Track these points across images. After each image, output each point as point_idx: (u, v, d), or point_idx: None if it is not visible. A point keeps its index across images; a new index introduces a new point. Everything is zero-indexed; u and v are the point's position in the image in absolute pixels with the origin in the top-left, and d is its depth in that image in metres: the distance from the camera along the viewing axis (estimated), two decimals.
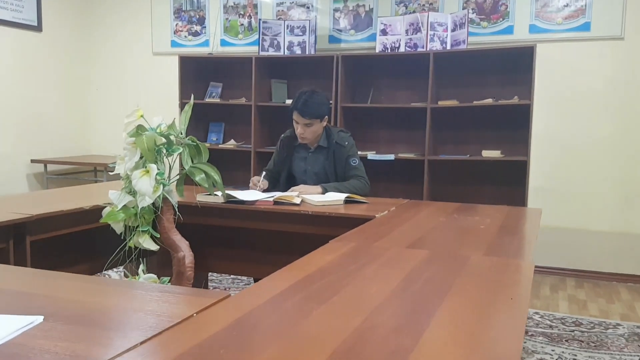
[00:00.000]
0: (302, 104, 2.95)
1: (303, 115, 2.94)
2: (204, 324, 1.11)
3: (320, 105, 2.99)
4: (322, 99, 3.03)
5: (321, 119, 3.00)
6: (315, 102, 2.97)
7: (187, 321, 1.11)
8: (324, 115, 3.00)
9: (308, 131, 2.98)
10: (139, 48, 5.51)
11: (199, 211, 2.68)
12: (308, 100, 2.96)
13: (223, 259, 3.04)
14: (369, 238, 1.92)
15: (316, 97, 3.00)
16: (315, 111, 2.95)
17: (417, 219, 2.37)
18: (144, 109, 6.03)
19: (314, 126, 2.98)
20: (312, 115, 2.94)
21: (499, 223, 2.27)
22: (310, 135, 3.00)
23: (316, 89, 3.07)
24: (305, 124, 2.96)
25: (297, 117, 2.97)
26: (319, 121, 2.99)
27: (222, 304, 1.22)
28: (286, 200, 2.65)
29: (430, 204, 2.92)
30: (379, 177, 4.76)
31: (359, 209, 2.59)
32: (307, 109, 2.94)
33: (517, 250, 1.79)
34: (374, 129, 4.81)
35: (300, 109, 2.94)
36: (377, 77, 4.76)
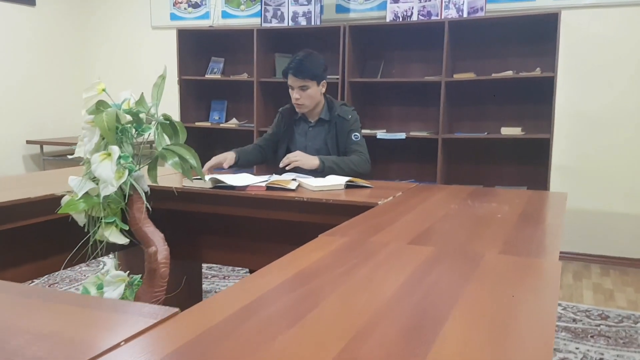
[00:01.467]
0: (296, 63, 2.70)
1: (297, 76, 2.68)
2: (132, 355, 0.85)
3: (317, 65, 2.73)
4: (318, 60, 2.77)
5: (318, 81, 2.73)
6: (311, 61, 2.72)
7: (111, 354, 0.86)
8: (320, 77, 2.74)
9: (304, 95, 2.72)
10: (137, 22, 5.23)
11: (187, 197, 2.44)
12: (303, 60, 2.71)
13: (216, 249, 2.79)
14: (366, 231, 1.65)
15: (312, 57, 2.75)
16: (311, 71, 2.69)
17: (425, 206, 2.09)
18: (143, 86, 5.69)
19: (310, 89, 2.71)
20: (307, 75, 2.68)
21: (519, 211, 1.99)
22: (308, 101, 2.74)
23: (313, 52, 2.79)
24: (301, 86, 2.70)
25: (292, 80, 2.72)
26: (316, 84, 2.73)
27: (164, 327, 0.96)
28: (280, 185, 2.38)
29: (442, 188, 2.63)
30: (389, 157, 4.49)
31: (360, 194, 2.32)
32: (301, 67, 2.69)
33: (539, 247, 1.51)
34: (385, 106, 4.51)
35: (294, 69, 2.69)
36: (388, 50, 4.44)
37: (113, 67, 5.40)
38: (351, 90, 4.25)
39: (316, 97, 2.75)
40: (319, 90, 2.76)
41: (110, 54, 5.39)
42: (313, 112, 2.83)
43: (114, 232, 1.76)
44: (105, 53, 5.41)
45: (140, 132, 1.78)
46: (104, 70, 5.43)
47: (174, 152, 1.77)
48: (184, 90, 4.72)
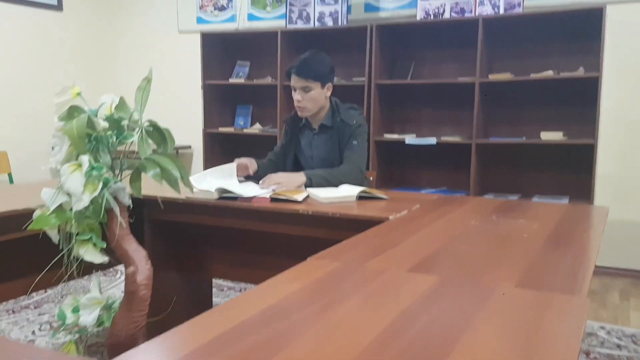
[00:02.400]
0: (299, 62, 2.51)
1: (300, 75, 2.49)
2: None
3: (322, 65, 2.53)
4: (324, 59, 2.57)
5: (322, 83, 2.52)
6: (316, 61, 2.52)
7: None
8: (325, 78, 2.53)
9: (306, 98, 2.51)
10: (164, 26, 5.15)
11: (190, 209, 2.28)
12: (308, 59, 2.52)
13: (222, 263, 2.62)
14: (363, 254, 1.44)
15: (318, 57, 2.55)
16: (315, 71, 2.49)
17: (441, 222, 1.85)
18: (170, 91, 5.55)
19: (313, 91, 2.51)
20: (310, 75, 2.48)
21: (549, 230, 1.73)
22: (310, 104, 2.53)
23: (320, 51, 2.60)
24: (303, 87, 2.50)
25: (294, 80, 2.52)
26: (320, 86, 2.52)
27: None
28: (286, 196, 2.19)
29: (466, 200, 2.38)
30: (420, 164, 4.24)
31: (372, 207, 2.10)
32: (305, 67, 2.49)
33: (566, 278, 1.26)
34: (415, 110, 4.26)
35: (297, 68, 2.50)
36: (419, 50, 4.19)
37: (140, 72, 5.31)
38: (378, 93, 4.03)
39: (319, 100, 2.55)
40: (324, 94, 2.55)
41: (137, 59, 5.33)
42: (316, 117, 2.63)
43: (90, 250, 1.61)
44: (132, 58, 5.36)
45: (122, 141, 1.62)
46: (130, 76, 5.38)
47: (155, 163, 1.60)
48: (208, 95, 4.60)
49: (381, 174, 4.13)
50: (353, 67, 4.31)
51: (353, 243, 1.56)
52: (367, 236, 1.63)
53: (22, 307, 3.16)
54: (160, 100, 5.24)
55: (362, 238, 1.61)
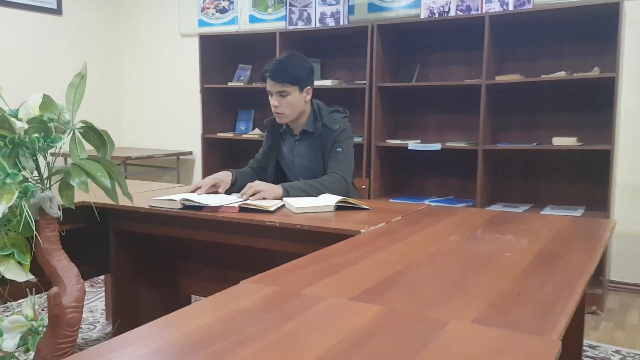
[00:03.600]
0: (274, 65, 2.32)
1: (275, 79, 2.30)
2: None
3: (299, 68, 2.33)
4: (301, 61, 2.38)
5: (300, 86, 2.33)
6: (292, 63, 2.33)
7: None
8: (304, 82, 2.34)
9: (283, 103, 2.32)
10: (166, 29, 5.03)
11: (154, 219, 2.11)
12: (283, 61, 2.33)
13: (199, 278, 2.45)
14: (307, 276, 1.23)
15: (294, 59, 2.36)
16: (291, 74, 2.29)
17: (416, 238, 1.63)
18: (173, 96, 5.38)
19: (290, 96, 2.31)
20: (286, 78, 2.29)
21: (539, 248, 1.50)
22: (287, 110, 2.34)
23: (297, 53, 2.41)
24: (279, 92, 2.31)
25: (269, 84, 2.33)
26: (298, 90, 2.32)
27: None
28: (256, 206, 2.00)
29: (457, 211, 2.15)
30: (424, 172, 4.01)
31: (348, 219, 1.89)
32: (280, 70, 2.30)
33: (538, 313, 1.03)
34: (420, 114, 4.03)
35: (271, 71, 2.31)
36: (425, 51, 3.97)
37: (142, 76, 5.22)
38: (380, 97, 3.82)
39: (298, 105, 2.35)
40: (302, 98, 2.36)
41: (139, 63, 5.22)
42: (296, 122, 2.43)
43: (12, 267, 1.44)
44: (134, 62, 5.24)
45: (49, 144, 1.45)
46: (132, 80, 5.27)
47: (81, 169, 1.42)
48: (207, 100, 4.45)
49: (383, 181, 3.91)
50: (356, 70, 4.11)
51: (302, 263, 1.35)
52: (323, 254, 1.43)
53: None
54: (162, 105, 5.11)
55: (314, 258, 1.40)
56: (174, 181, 4.94)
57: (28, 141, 1.41)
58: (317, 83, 4.05)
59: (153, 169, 5.03)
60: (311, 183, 2.25)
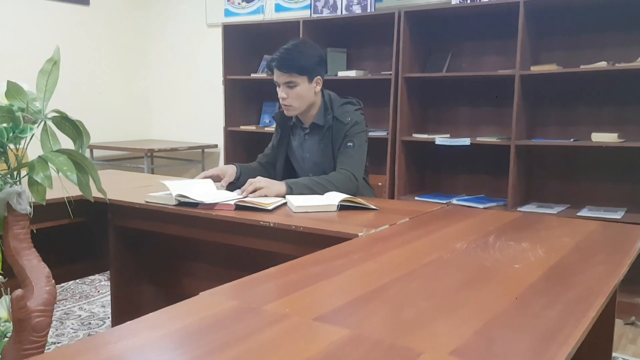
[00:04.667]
0: (280, 54, 2.17)
1: (282, 69, 2.15)
2: None
3: (307, 57, 2.18)
4: (310, 49, 2.22)
5: (309, 76, 2.17)
6: (300, 52, 2.18)
7: None
8: (313, 71, 2.18)
9: (292, 94, 2.17)
10: (193, 20, 4.95)
11: (150, 215, 2.01)
12: (290, 49, 2.18)
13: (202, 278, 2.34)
14: (274, 290, 1.09)
15: (302, 47, 2.21)
16: (299, 63, 2.14)
17: (418, 244, 1.47)
18: (199, 87, 5.27)
19: (299, 87, 2.16)
20: (294, 68, 2.14)
21: (555, 258, 1.31)
22: (296, 101, 2.19)
23: (307, 40, 2.26)
24: (287, 82, 2.16)
25: (276, 75, 2.19)
26: (307, 80, 2.17)
27: None
28: (254, 204, 1.87)
29: (476, 213, 1.96)
30: (454, 168, 3.81)
31: (350, 220, 1.74)
32: (287, 59, 2.15)
33: (539, 343, 0.86)
34: (450, 106, 3.82)
35: (278, 60, 2.16)
36: (457, 40, 3.75)
37: (168, 67, 5.16)
38: (407, 88, 3.63)
39: (307, 96, 2.20)
40: (312, 89, 2.20)
41: (166, 54, 5.16)
42: (306, 115, 2.28)
43: None
44: (160, 53, 5.19)
45: (18, 135, 1.35)
46: (159, 71, 5.22)
47: (45, 163, 1.31)
48: (230, 92, 4.35)
49: (409, 178, 3.72)
50: (383, 60, 3.93)
51: (276, 272, 1.21)
52: (300, 263, 1.28)
53: None
54: (189, 97, 5.05)
55: (293, 266, 1.26)
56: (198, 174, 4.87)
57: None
58: (341, 74, 3.90)
59: (178, 162, 4.97)
60: (317, 180, 2.10)
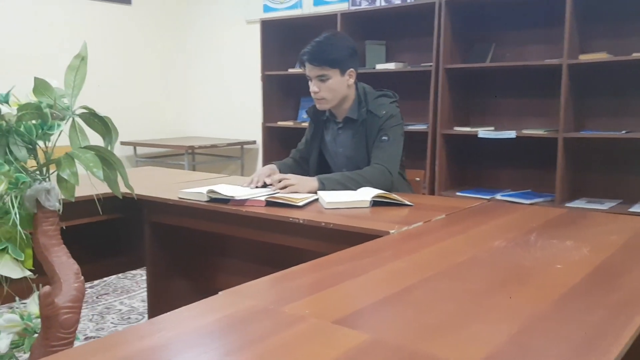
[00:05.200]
0: (312, 47, 2.13)
1: (313, 62, 2.11)
2: None
3: (339, 49, 2.13)
4: (342, 41, 2.17)
5: (342, 69, 2.12)
6: (332, 44, 2.13)
7: None
8: (345, 64, 2.12)
9: (324, 88, 2.12)
10: (232, 17, 4.95)
11: (182, 211, 2.00)
12: (322, 42, 2.14)
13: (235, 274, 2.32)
14: (294, 291, 1.04)
15: (334, 39, 2.16)
16: (331, 56, 2.09)
17: (452, 242, 1.39)
18: (238, 84, 5.29)
19: (331, 80, 2.11)
20: (325, 61, 2.09)
21: (601, 258, 1.22)
22: (329, 94, 2.14)
23: (339, 32, 2.20)
24: (318, 76, 2.11)
25: (308, 68, 2.14)
26: (339, 73, 2.12)
27: None
28: (284, 200, 1.83)
29: (518, 209, 1.86)
30: (498, 162, 3.68)
31: (383, 216, 1.68)
32: (319, 52, 2.11)
33: (576, 352, 0.78)
34: (494, 98, 3.69)
35: (309, 54, 2.12)
36: (501, 29, 3.61)
37: (208, 64, 5.19)
38: (448, 79, 3.52)
39: (340, 89, 2.15)
40: (344, 82, 2.15)
41: (206, 52, 5.19)
42: (340, 108, 2.23)
43: (7, 261, 1.35)
44: (201, 50, 5.22)
45: (46, 132, 1.35)
46: (199, 68, 5.25)
47: (71, 160, 1.31)
48: (268, 87, 4.33)
49: (450, 173, 3.61)
50: (423, 51, 3.82)
51: (299, 271, 1.16)
52: (326, 262, 1.23)
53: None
54: (228, 93, 5.06)
55: (317, 265, 1.21)
56: (238, 171, 4.89)
57: (23, 129, 1.32)
58: (380, 67, 3.81)
59: (218, 158, 5.00)
60: (350, 175, 2.04)
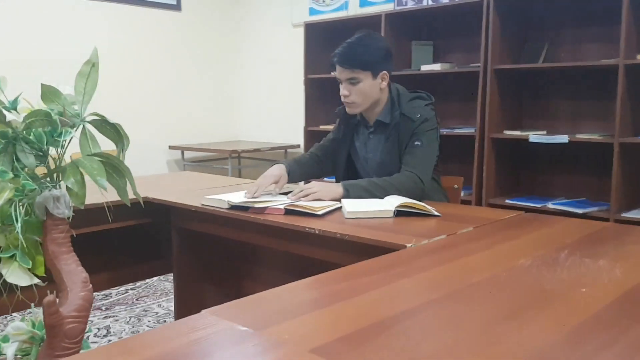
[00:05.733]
0: (343, 49, 2.03)
1: (344, 65, 2.01)
2: None
3: (371, 50, 2.02)
4: (375, 42, 2.05)
5: (373, 72, 2.02)
6: (364, 45, 2.02)
7: None
8: (378, 66, 2.02)
9: (354, 91, 2.03)
10: (279, 21, 4.93)
11: (204, 218, 1.98)
12: (354, 43, 2.03)
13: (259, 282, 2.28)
14: (284, 309, 0.97)
15: (367, 40, 2.04)
16: (362, 58, 1.99)
17: (471, 259, 1.28)
18: (284, 88, 5.30)
19: (362, 83, 2.01)
20: (356, 64, 1.99)
21: (634, 281, 1.08)
22: (359, 98, 2.04)
23: (372, 33, 2.09)
24: (349, 79, 2.02)
25: (338, 71, 2.05)
26: (370, 76, 2.02)
27: None
28: (304, 208, 1.76)
29: (556, 222, 1.71)
30: (551, 168, 3.50)
31: (404, 228, 1.59)
32: (350, 54, 2.00)
33: None
34: (547, 100, 3.49)
35: (340, 55, 2.02)
36: (555, 27, 3.41)
37: (256, 69, 5.19)
38: (497, 81, 3.35)
39: (372, 93, 2.05)
40: (377, 85, 2.04)
41: (256, 56, 5.19)
42: (371, 112, 2.13)
43: (15, 269, 1.35)
44: (248, 55, 5.23)
45: (56, 139, 1.34)
46: (248, 74, 5.27)
47: (75, 168, 1.29)
48: (310, 91, 4.28)
49: (500, 179, 3.44)
50: (472, 51, 3.66)
51: (293, 289, 1.09)
52: (324, 279, 1.14)
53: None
54: (275, 97, 5.05)
55: (314, 282, 1.13)
56: None
57: (32, 136, 1.32)
58: (425, 68, 3.68)
59: (263, 162, 5.00)
60: (377, 182, 1.95)
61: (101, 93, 4.66)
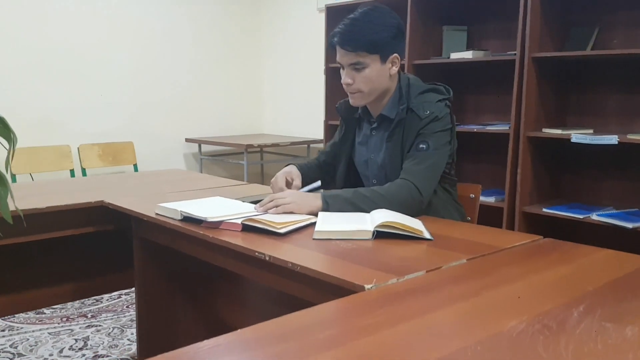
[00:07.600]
0: (344, 27, 1.66)
1: (345, 46, 1.65)
2: None
3: (379, 28, 1.64)
4: (383, 19, 1.67)
5: (382, 55, 1.66)
6: (370, 22, 1.64)
7: None
8: (387, 48, 1.66)
9: (359, 78, 1.68)
10: (304, 5, 4.61)
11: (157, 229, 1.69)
12: (357, 20, 1.65)
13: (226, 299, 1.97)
14: None
15: (372, 16, 1.66)
16: (368, 37, 1.63)
17: (447, 314, 0.92)
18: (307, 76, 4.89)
19: (368, 68, 1.66)
20: (361, 45, 1.63)
21: None
22: (366, 86, 1.69)
23: (380, 7, 1.70)
24: (352, 63, 1.67)
25: (339, 54, 1.69)
26: (378, 59, 1.66)
27: None
28: (264, 224, 1.43)
29: (581, 255, 1.31)
30: (599, 172, 3.03)
31: (375, 257, 1.24)
32: (352, 32, 1.64)
33: None
34: (595, 94, 3.01)
35: (340, 35, 1.65)
36: (607, 10, 2.94)
37: (282, 54, 4.87)
38: (537, 71, 2.90)
39: (380, 80, 1.69)
40: (386, 70, 1.68)
41: (279, 41, 4.87)
42: (377, 104, 1.77)
43: None
44: (273, 40, 4.92)
45: None
46: (273, 59, 4.95)
47: None
48: (331, 81, 3.93)
49: (537, 184, 3.00)
50: (510, 38, 3.22)
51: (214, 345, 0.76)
52: (229, 342, 0.81)
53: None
54: (298, 87, 4.73)
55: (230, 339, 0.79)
56: None
57: None
58: (454, 56, 3.26)
59: (284, 157, 4.69)
60: (364, 193, 1.59)
61: (117, 83, 4.34)
